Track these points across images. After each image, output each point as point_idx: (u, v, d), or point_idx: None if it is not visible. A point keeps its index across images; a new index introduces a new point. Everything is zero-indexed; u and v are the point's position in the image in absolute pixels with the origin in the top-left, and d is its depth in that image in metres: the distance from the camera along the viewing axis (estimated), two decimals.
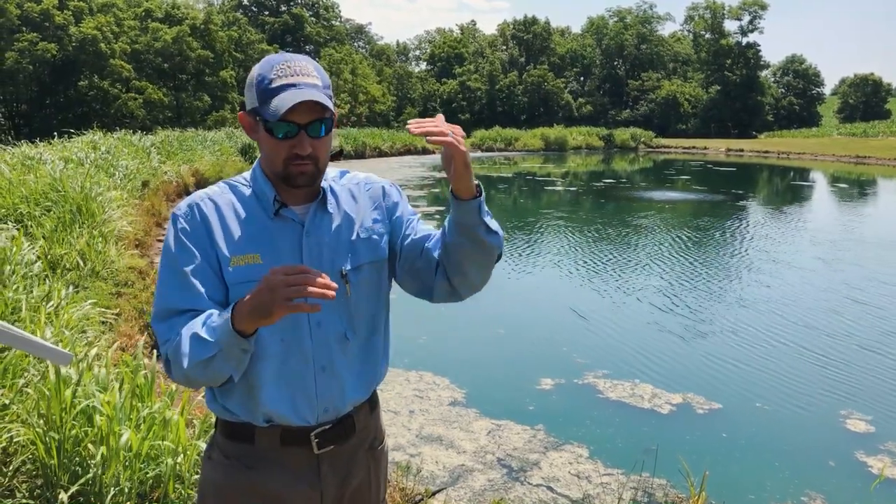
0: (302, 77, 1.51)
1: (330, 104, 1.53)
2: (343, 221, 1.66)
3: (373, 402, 1.77)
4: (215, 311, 1.49)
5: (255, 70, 1.57)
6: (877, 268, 11.31)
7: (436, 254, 1.66)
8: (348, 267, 1.63)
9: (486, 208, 1.56)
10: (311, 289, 1.32)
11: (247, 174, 1.68)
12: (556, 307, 8.78)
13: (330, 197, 1.66)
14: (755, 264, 11.53)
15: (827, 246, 13.37)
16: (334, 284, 1.35)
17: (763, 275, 10.66)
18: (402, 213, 1.76)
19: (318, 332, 1.60)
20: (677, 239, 14.21)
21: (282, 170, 1.55)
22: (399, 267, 1.73)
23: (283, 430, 1.60)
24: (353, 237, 1.66)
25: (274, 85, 1.50)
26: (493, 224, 1.58)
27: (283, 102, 1.47)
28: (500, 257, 1.65)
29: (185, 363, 1.46)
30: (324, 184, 1.65)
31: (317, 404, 1.61)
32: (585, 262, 11.56)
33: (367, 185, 1.75)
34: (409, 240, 1.71)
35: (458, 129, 1.47)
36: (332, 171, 1.73)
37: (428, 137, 1.43)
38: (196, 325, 1.47)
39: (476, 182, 1.52)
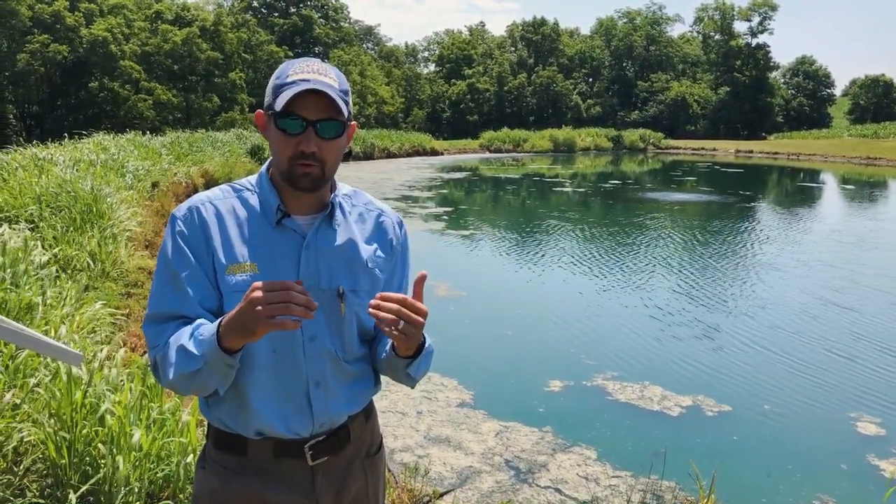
0: (318, 76, 1.49)
1: (343, 107, 1.49)
2: (347, 241, 1.63)
3: (368, 411, 1.74)
4: (204, 323, 1.46)
5: (277, 70, 1.56)
6: (881, 270, 11.25)
7: (377, 340, 1.71)
8: (345, 287, 1.60)
9: (416, 364, 1.62)
10: (293, 307, 1.31)
11: (252, 178, 1.65)
12: (564, 308, 8.76)
13: (338, 213, 1.63)
14: (764, 266, 11.47)
15: (836, 249, 13.29)
16: (315, 304, 1.34)
17: (773, 277, 10.61)
18: (402, 270, 1.76)
19: (311, 346, 1.57)
20: (684, 240, 14.17)
21: (286, 168, 1.52)
22: None
23: (275, 443, 1.57)
24: (355, 262, 1.63)
25: (288, 80, 1.49)
26: (417, 374, 1.66)
27: (291, 92, 1.46)
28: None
29: (171, 373, 1.44)
30: (334, 199, 1.63)
31: (311, 419, 1.58)
32: (593, 264, 11.53)
33: (380, 216, 1.72)
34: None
35: (420, 314, 1.48)
36: (346, 187, 1.71)
37: (377, 322, 1.45)
38: (184, 336, 1.44)
39: (421, 340, 1.58)
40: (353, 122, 1.60)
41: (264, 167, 1.64)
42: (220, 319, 1.40)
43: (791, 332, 7.70)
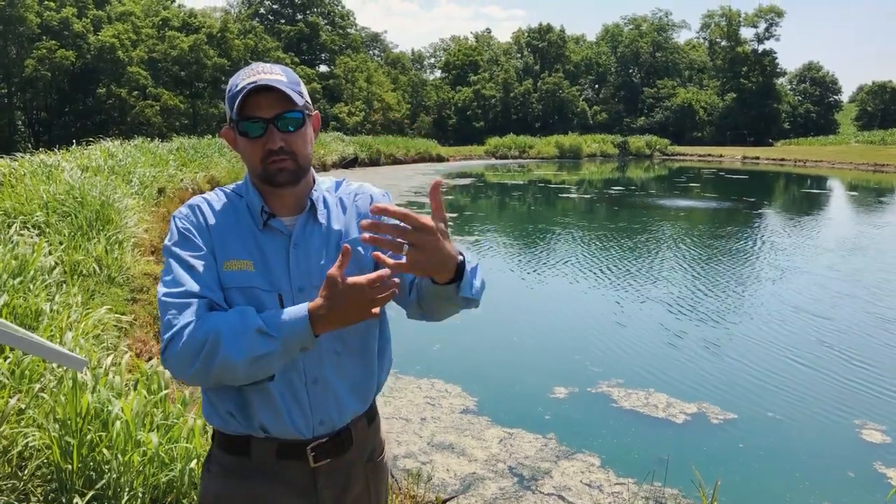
0: (264, 74, 1.54)
1: (296, 97, 1.54)
2: (333, 234, 1.66)
3: (371, 415, 1.76)
4: (260, 312, 1.49)
5: (228, 84, 1.60)
6: (883, 278, 11.20)
7: (412, 277, 1.66)
8: None
9: (468, 280, 1.54)
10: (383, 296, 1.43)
11: (240, 183, 1.71)
12: (570, 315, 8.75)
13: (321, 208, 1.67)
14: (769, 273, 11.43)
15: (843, 255, 13.24)
16: (395, 281, 1.44)
17: (778, 284, 10.57)
18: None
19: None
20: (690, 247, 14.14)
21: (261, 170, 1.57)
22: None
23: (279, 444, 1.60)
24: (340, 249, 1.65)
25: (238, 88, 1.53)
26: (472, 293, 1.57)
27: (242, 96, 1.51)
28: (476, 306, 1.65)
29: (234, 357, 1.42)
30: (314, 195, 1.66)
31: (311, 417, 1.61)
32: (598, 270, 11.52)
33: (358, 195, 1.75)
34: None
35: (425, 230, 1.43)
36: (328, 181, 1.74)
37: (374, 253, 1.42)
38: (248, 320, 1.45)
39: (459, 258, 1.51)
40: (316, 112, 1.64)
41: (246, 174, 1.68)
42: (303, 307, 1.45)
43: (797, 340, 7.66)
